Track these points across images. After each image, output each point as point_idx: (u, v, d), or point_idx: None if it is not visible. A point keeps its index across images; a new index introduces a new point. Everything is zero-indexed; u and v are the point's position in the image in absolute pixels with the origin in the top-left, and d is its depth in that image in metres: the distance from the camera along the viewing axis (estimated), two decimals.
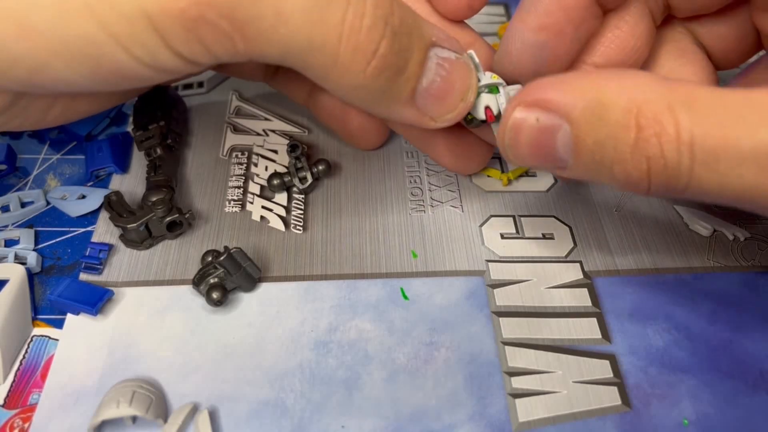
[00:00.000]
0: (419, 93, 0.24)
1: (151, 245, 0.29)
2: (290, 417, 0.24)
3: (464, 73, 0.24)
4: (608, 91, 0.19)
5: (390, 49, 0.21)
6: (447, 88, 0.24)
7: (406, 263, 0.29)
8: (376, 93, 0.23)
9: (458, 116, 0.25)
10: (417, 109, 0.24)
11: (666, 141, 0.18)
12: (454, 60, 0.24)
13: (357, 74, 0.21)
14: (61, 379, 0.25)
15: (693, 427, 0.24)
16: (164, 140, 0.32)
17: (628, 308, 0.28)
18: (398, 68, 0.22)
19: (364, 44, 0.21)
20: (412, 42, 0.22)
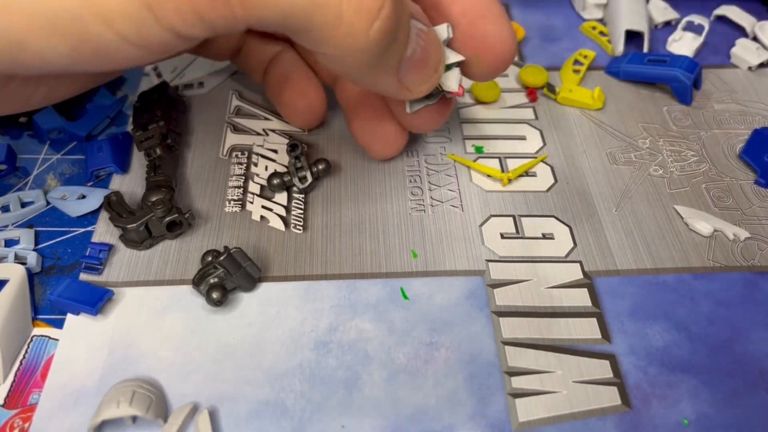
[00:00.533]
0: (404, 64, 0.23)
1: (151, 245, 0.29)
2: (290, 417, 0.24)
3: (437, 45, 0.25)
4: None
5: (392, 10, 0.21)
6: (425, 59, 0.24)
7: (406, 263, 0.29)
8: (373, 58, 0.22)
9: (430, 87, 0.25)
10: (398, 79, 0.24)
11: None
12: (427, 31, 0.24)
13: (360, 36, 0.20)
14: (61, 379, 0.25)
15: (693, 427, 0.24)
16: (164, 140, 0.32)
17: (628, 308, 0.28)
18: (394, 35, 0.22)
19: (367, 3, 0.20)
20: (404, 8, 0.22)
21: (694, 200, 0.32)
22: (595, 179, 0.33)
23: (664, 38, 0.42)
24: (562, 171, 0.34)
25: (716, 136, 0.36)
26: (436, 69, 0.25)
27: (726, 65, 0.41)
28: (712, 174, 0.34)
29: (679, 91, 0.38)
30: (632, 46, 0.41)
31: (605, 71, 0.40)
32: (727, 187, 0.33)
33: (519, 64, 0.40)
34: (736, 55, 0.41)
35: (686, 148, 0.35)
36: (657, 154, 0.35)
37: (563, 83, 0.39)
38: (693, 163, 0.35)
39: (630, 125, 0.37)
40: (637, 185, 0.33)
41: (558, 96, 0.38)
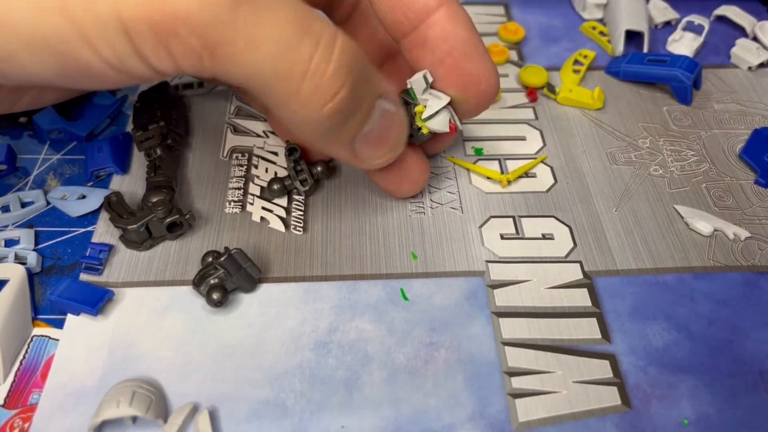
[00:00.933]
0: (358, 138, 0.25)
1: (151, 246, 0.29)
2: (290, 417, 0.24)
3: (399, 126, 0.26)
4: None
5: (348, 95, 0.22)
6: (382, 138, 0.26)
7: (406, 264, 0.29)
8: (324, 131, 0.24)
9: (384, 163, 0.27)
10: (352, 150, 0.26)
11: None
12: (393, 113, 0.26)
13: (313, 111, 0.22)
14: (61, 379, 0.25)
15: (693, 427, 0.24)
16: (164, 141, 0.32)
17: (628, 308, 0.28)
18: (349, 114, 0.23)
19: (325, 86, 0.22)
20: (366, 92, 0.24)
21: (695, 200, 0.32)
22: (595, 179, 0.33)
23: (664, 38, 0.42)
24: (562, 171, 0.34)
25: (716, 136, 0.36)
26: (393, 148, 0.27)
27: (726, 65, 0.41)
28: (713, 174, 0.34)
29: (679, 91, 0.38)
30: (632, 46, 0.41)
31: (605, 71, 0.40)
32: (727, 186, 0.33)
33: (519, 64, 0.40)
34: (736, 55, 0.41)
35: (686, 148, 0.35)
36: (657, 154, 0.35)
37: (563, 83, 0.39)
38: (693, 162, 0.35)
39: (630, 125, 0.37)
40: (637, 185, 0.33)
41: (558, 96, 0.38)
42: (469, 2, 0.45)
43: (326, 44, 0.21)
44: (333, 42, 0.21)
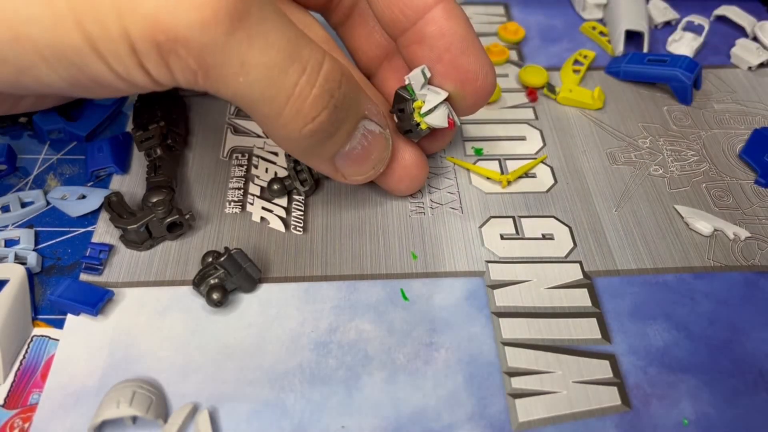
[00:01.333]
0: (339, 155, 0.26)
1: (151, 246, 0.29)
2: (290, 417, 0.24)
3: (382, 146, 0.27)
4: None
5: (327, 119, 0.24)
6: (364, 156, 0.27)
7: (406, 264, 0.29)
8: (303, 148, 0.25)
9: (365, 180, 0.28)
10: (333, 166, 0.27)
11: None
12: (377, 134, 0.27)
13: (293, 131, 0.24)
14: (61, 380, 0.25)
15: (693, 426, 0.24)
16: (164, 141, 0.32)
17: (628, 308, 0.28)
18: (329, 134, 0.25)
19: (306, 110, 0.23)
20: (348, 115, 0.25)
21: (695, 200, 0.32)
22: (595, 179, 0.33)
23: (664, 38, 0.42)
24: (562, 171, 0.34)
25: (716, 135, 0.36)
26: (375, 166, 0.28)
27: (726, 65, 0.41)
28: (713, 174, 0.34)
29: (679, 91, 0.38)
30: (632, 46, 0.41)
31: (605, 71, 0.40)
32: (728, 186, 0.33)
33: (519, 64, 0.40)
34: (736, 55, 0.41)
35: (686, 148, 0.35)
36: (657, 154, 0.35)
37: (563, 83, 0.39)
38: (693, 162, 0.35)
39: (630, 125, 0.37)
40: (637, 185, 0.33)
41: (558, 96, 0.38)
42: (469, 2, 0.45)
43: (312, 70, 0.23)
44: (319, 68, 0.23)
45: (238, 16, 0.20)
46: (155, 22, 0.20)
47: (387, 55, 0.31)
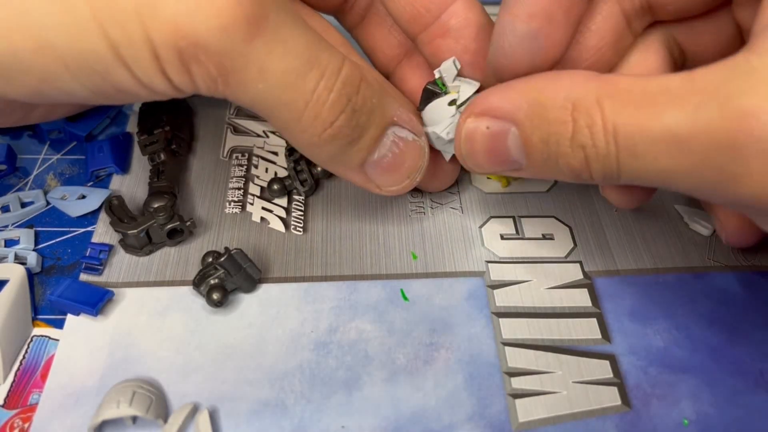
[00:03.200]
0: (369, 163, 0.26)
1: (150, 252, 0.29)
2: (290, 417, 0.24)
3: (416, 154, 0.26)
4: (546, 91, 0.22)
5: (346, 122, 0.24)
6: (397, 165, 0.26)
7: (406, 264, 0.29)
8: (328, 154, 0.25)
9: (402, 191, 0.27)
10: (365, 175, 0.26)
11: (596, 131, 0.20)
12: (410, 141, 0.26)
13: (313, 135, 0.24)
14: (61, 380, 0.25)
15: (693, 427, 0.24)
16: (169, 145, 0.32)
17: (628, 308, 0.28)
18: (352, 140, 0.24)
19: (324, 114, 0.23)
20: (372, 120, 0.25)
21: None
22: None
23: None
24: None
25: None
26: (409, 176, 0.27)
27: None
28: None
29: None
30: None
31: None
32: None
33: None
34: None
35: None
36: None
37: None
38: None
39: None
40: None
41: None
42: None
43: (330, 75, 0.23)
44: (338, 73, 0.23)
45: (256, 22, 0.21)
46: (176, 27, 0.20)
47: (405, 54, 0.31)
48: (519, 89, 0.23)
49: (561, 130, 0.21)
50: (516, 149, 0.23)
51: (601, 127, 0.20)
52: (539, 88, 0.22)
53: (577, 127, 0.21)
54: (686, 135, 0.18)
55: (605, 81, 0.20)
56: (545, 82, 0.22)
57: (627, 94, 0.20)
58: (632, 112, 0.19)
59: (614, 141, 0.20)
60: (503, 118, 0.23)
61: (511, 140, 0.23)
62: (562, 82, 0.21)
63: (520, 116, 0.22)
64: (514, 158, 0.23)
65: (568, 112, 0.21)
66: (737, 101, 0.17)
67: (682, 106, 0.18)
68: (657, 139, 0.19)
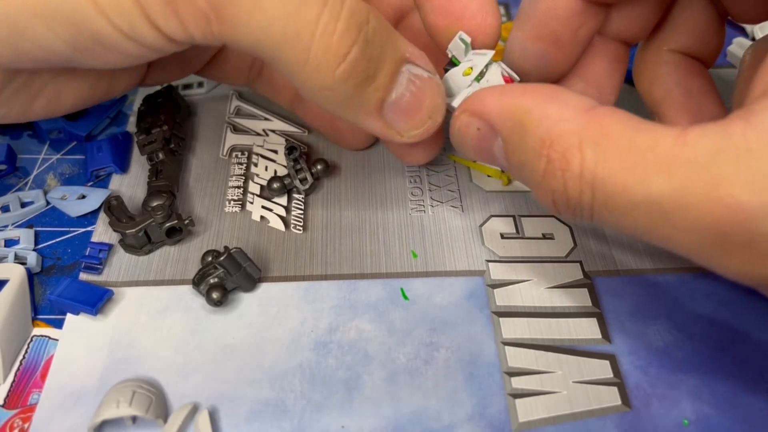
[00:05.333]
0: (387, 105, 0.24)
1: (150, 251, 0.29)
2: (290, 417, 0.24)
3: (434, 91, 0.25)
4: (532, 115, 0.20)
5: (361, 55, 0.22)
6: (416, 104, 0.24)
7: (406, 263, 0.29)
8: (343, 97, 0.23)
9: (425, 134, 0.25)
10: (384, 121, 0.24)
11: (569, 177, 0.19)
12: (426, 78, 0.24)
13: (326, 74, 0.22)
14: (61, 379, 0.25)
15: (693, 427, 0.24)
16: (167, 145, 0.32)
17: (628, 308, 0.28)
18: (368, 76, 0.23)
19: (335, 46, 0.21)
20: (385, 53, 0.23)
21: None
22: None
23: None
24: None
25: None
26: (431, 116, 0.25)
27: (723, 65, 0.41)
28: None
29: None
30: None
31: None
32: None
33: None
34: (733, 54, 0.41)
35: None
36: None
37: None
38: None
39: None
40: None
41: None
42: None
43: (334, 3, 0.21)
44: (342, 1, 0.21)
45: None
46: None
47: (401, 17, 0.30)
48: (509, 102, 0.22)
49: (535, 163, 0.20)
50: (501, 156, 0.22)
51: (578, 174, 0.19)
52: (527, 108, 0.21)
53: (550, 169, 0.19)
54: (670, 207, 0.17)
55: (594, 122, 0.19)
56: (535, 104, 0.21)
57: (614, 144, 0.18)
58: (616, 168, 0.18)
59: (591, 191, 0.19)
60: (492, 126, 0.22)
61: (497, 146, 0.22)
62: (550, 110, 0.20)
63: (504, 132, 0.21)
64: (500, 162, 0.23)
65: (545, 147, 0.20)
66: (727, 188, 0.16)
67: (670, 175, 0.17)
68: (639, 203, 0.18)
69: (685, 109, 0.26)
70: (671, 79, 0.26)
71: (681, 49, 0.27)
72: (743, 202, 0.16)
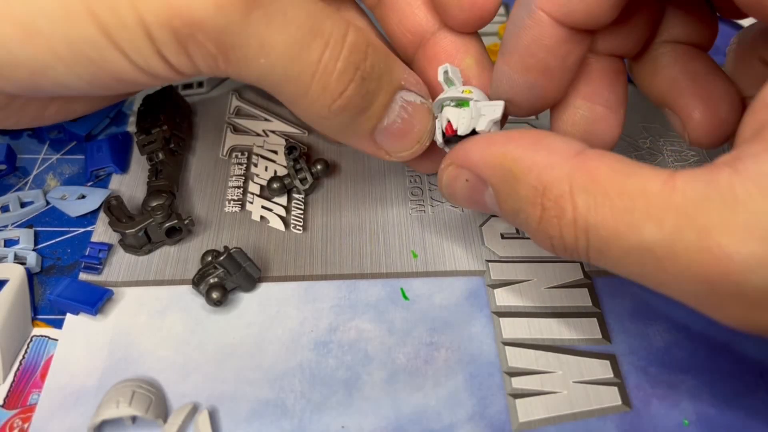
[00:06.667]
0: (379, 130, 0.25)
1: (150, 251, 0.29)
2: (290, 417, 0.24)
3: (424, 117, 0.25)
4: (521, 163, 0.20)
5: (356, 92, 0.23)
6: (406, 130, 0.25)
7: (406, 263, 0.29)
8: (337, 126, 0.24)
9: (412, 155, 0.26)
10: (375, 143, 0.25)
11: (565, 224, 0.19)
12: (417, 104, 0.25)
13: (323, 108, 0.23)
14: (60, 379, 0.25)
15: (693, 427, 0.24)
16: (167, 145, 0.32)
17: (628, 308, 0.28)
18: (362, 108, 0.24)
19: (333, 85, 0.22)
20: (380, 86, 0.24)
21: None
22: None
23: None
24: None
25: None
26: (419, 140, 0.26)
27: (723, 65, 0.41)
28: None
29: None
30: None
31: None
32: None
33: None
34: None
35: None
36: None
37: None
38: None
39: (630, 125, 0.36)
40: None
41: None
42: None
43: (335, 43, 0.22)
44: (342, 40, 0.22)
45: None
46: (169, 7, 0.19)
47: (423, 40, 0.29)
48: (496, 152, 0.22)
49: (530, 211, 0.20)
50: (493, 205, 0.22)
51: (572, 221, 0.19)
52: (515, 157, 0.21)
53: (546, 216, 0.20)
54: (662, 254, 0.17)
55: (583, 167, 0.19)
56: (522, 151, 0.21)
57: (603, 190, 0.18)
58: (607, 215, 0.18)
59: (586, 237, 0.19)
60: (480, 177, 0.22)
61: (488, 195, 0.22)
62: (538, 156, 0.20)
63: (494, 182, 0.22)
64: (492, 210, 0.23)
65: (538, 195, 0.20)
66: (716, 238, 0.16)
67: (660, 222, 0.17)
68: (631, 249, 0.18)
69: (696, 93, 0.26)
70: (674, 68, 0.26)
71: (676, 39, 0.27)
72: (731, 253, 0.16)
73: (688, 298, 0.18)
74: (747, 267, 0.16)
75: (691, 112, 0.25)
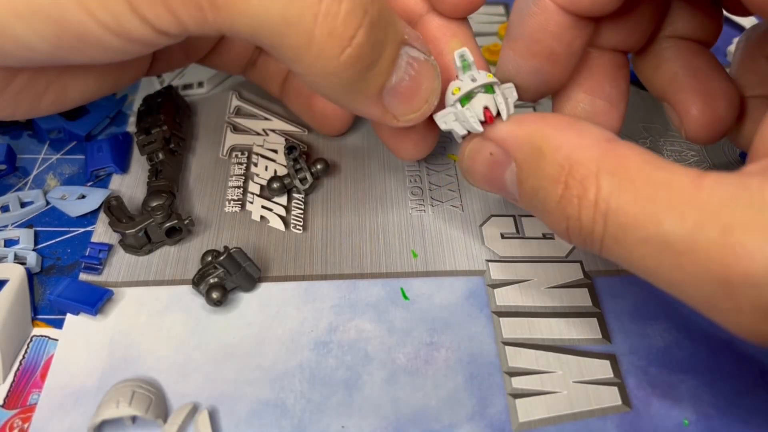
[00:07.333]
0: (387, 90, 0.23)
1: (150, 251, 0.29)
2: (290, 417, 0.24)
3: (431, 75, 0.24)
4: (551, 141, 0.20)
5: (367, 38, 0.20)
6: (414, 88, 0.23)
7: (406, 263, 0.29)
8: (346, 83, 0.22)
9: (421, 117, 0.25)
10: (382, 106, 0.24)
11: (585, 205, 0.19)
12: (422, 60, 0.23)
13: (330, 60, 0.20)
14: (60, 379, 0.25)
15: (693, 427, 0.24)
16: (167, 145, 0.32)
17: (628, 308, 0.28)
18: (372, 61, 0.22)
19: (340, 29, 0.20)
20: (388, 36, 0.22)
21: None
22: None
23: None
24: None
25: None
26: (427, 100, 0.24)
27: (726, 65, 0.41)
28: None
29: None
30: None
31: None
32: None
33: None
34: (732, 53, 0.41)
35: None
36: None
37: None
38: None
39: (630, 125, 0.36)
40: None
41: None
42: None
43: None
44: None
45: None
46: None
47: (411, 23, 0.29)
48: (527, 128, 0.21)
49: (551, 188, 0.20)
50: (511, 183, 0.22)
51: (593, 202, 0.19)
52: (545, 135, 0.21)
53: (567, 195, 0.19)
54: (680, 249, 0.17)
55: (613, 153, 0.19)
56: (553, 131, 0.21)
57: (630, 177, 0.18)
58: (630, 201, 0.18)
59: (603, 221, 0.19)
60: (506, 150, 0.22)
61: (509, 173, 0.22)
62: (569, 137, 0.20)
63: (520, 157, 0.21)
64: (509, 190, 0.23)
65: (563, 173, 0.20)
66: (739, 236, 0.16)
67: (683, 216, 0.17)
68: (648, 239, 0.18)
69: (695, 89, 0.26)
70: (676, 63, 0.26)
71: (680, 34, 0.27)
72: (753, 253, 0.16)
73: (700, 301, 0.18)
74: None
75: (689, 108, 0.26)
